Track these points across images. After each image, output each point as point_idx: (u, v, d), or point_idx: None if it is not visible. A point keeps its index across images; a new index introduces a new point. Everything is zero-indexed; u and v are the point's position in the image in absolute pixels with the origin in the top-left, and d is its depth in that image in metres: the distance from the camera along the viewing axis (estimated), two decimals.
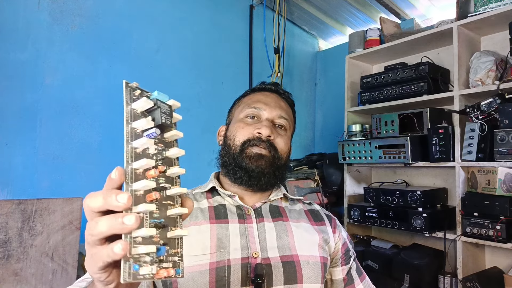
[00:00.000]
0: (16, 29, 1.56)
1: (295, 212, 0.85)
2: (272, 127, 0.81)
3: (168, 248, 0.36)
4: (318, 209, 0.90)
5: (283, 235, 0.77)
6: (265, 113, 0.82)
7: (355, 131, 2.08)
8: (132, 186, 0.35)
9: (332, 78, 2.82)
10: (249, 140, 0.78)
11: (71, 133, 1.68)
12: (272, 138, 0.79)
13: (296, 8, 2.55)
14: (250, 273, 0.69)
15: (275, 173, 0.79)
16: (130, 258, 0.33)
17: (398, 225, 1.74)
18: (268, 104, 0.83)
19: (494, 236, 1.44)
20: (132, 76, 1.87)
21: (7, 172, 1.51)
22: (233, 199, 0.79)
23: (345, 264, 0.85)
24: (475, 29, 1.73)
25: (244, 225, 0.76)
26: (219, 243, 0.71)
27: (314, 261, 0.76)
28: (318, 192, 2.17)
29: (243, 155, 0.78)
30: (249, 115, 0.82)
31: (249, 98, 0.87)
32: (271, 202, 0.84)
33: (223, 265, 0.69)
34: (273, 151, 0.79)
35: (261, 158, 0.77)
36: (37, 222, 1.29)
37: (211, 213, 0.77)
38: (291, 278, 0.72)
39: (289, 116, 0.87)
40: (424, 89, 1.77)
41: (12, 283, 1.22)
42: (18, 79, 1.56)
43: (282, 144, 0.81)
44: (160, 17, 2.03)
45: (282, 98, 0.89)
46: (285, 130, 0.84)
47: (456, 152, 1.63)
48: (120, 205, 0.33)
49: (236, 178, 0.79)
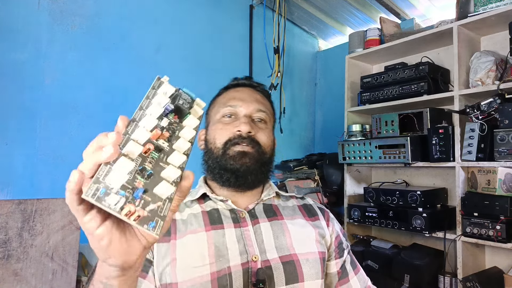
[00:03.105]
0: (16, 29, 1.56)
1: (289, 209, 0.84)
2: (252, 123, 0.79)
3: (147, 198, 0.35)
4: (311, 203, 0.90)
5: (280, 235, 0.76)
6: (242, 109, 0.80)
7: (355, 131, 2.08)
8: (131, 134, 0.37)
9: (332, 78, 2.82)
10: (230, 140, 0.76)
11: (71, 133, 1.68)
12: (253, 134, 0.77)
13: (296, 8, 2.55)
14: (251, 277, 0.69)
15: (261, 169, 0.78)
16: (101, 182, 0.33)
17: (398, 225, 1.74)
18: (244, 100, 0.81)
19: (494, 236, 1.44)
20: (132, 76, 1.87)
21: (7, 172, 1.51)
22: (225, 203, 0.78)
23: (339, 258, 0.85)
24: (475, 29, 1.73)
25: (240, 229, 0.74)
26: (218, 252, 0.70)
27: (313, 258, 0.76)
28: (318, 192, 2.17)
29: (226, 156, 0.76)
30: (226, 115, 0.80)
31: (223, 97, 0.85)
32: (264, 201, 0.82)
33: (224, 274, 0.68)
34: (256, 146, 0.77)
35: (245, 156, 0.75)
36: (37, 222, 1.29)
37: (205, 218, 0.75)
38: (292, 277, 0.71)
39: (267, 108, 0.85)
40: (424, 89, 1.77)
41: (12, 283, 1.22)
42: (18, 79, 1.56)
43: (264, 138, 0.79)
44: (160, 17, 2.03)
45: (257, 91, 0.87)
46: (265, 123, 0.83)
47: (456, 152, 1.63)
48: (109, 139, 0.34)
49: (223, 181, 0.77)
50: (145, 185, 0.36)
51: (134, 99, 2.10)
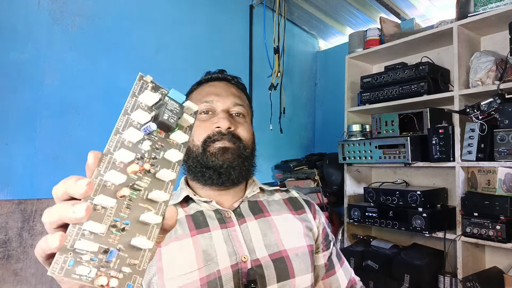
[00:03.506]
0: (16, 29, 1.56)
1: (275, 204, 0.83)
2: (230, 118, 0.77)
3: (124, 254, 0.31)
4: (296, 196, 0.89)
5: (268, 232, 0.75)
6: (218, 104, 0.77)
7: (355, 131, 2.08)
8: (103, 175, 0.32)
9: (332, 78, 2.82)
10: (209, 137, 0.74)
11: (71, 133, 1.68)
12: (233, 129, 0.76)
13: (296, 8, 2.55)
14: (242, 279, 0.68)
15: (244, 163, 0.76)
16: (69, 252, 0.29)
17: (398, 225, 1.74)
18: (220, 95, 0.79)
19: (494, 236, 1.44)
20: (132, 76, 1.87)
21: (7, 172, 1.51)
22: (210, 204, 0.76)
23: (326, 250, 0.85)
24: (475, 29, 1.73)
25: (226, 230, 0.72)
26: (205, 256, 0.68)
27: (302, 252, 0.76)
28: (318, 192, 2.17)
29: (206, 153, 0.73)
30: (202, 111, 0.77)
31: (198, 93, 0.82)
32: (249, 199, 0.81)
33: (214, 278, 0.66)
34: (237, 142, 0.75)
35: (226, 151, 0.73)
36: (37, 222, 1.29)
37: (189, 223, 0.72)
38: (283, 274, 0.71)
39: (244, 102, 0.82)
40: (424, 89, 1.77)
41: (12, 283, 1.22)
42: (18, 79, 1.56)
43: (244, 133, 0.78)
44: (160, 17, 2.03)
45: (232, 84, 0.84)
46: (244, 117, 0.80)
47: (456, 152, 1.63)
48: (78, 189, 0.30)
49: (205, 179, 0.74)
50: (121, 239, 0.31)
51: None
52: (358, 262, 1.83)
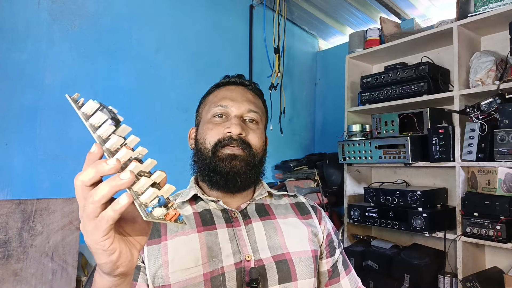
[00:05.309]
0: (16, 29, 1.56)
1: (282, 208, 0.84)
2: (242, 124, 0.77)
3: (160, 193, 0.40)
4: (304, 201, 0.89)
5: (272, 234, 0.76)
6: (233, 109, 0.78)
7: (355, 131, 2.08)
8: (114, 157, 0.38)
9: (332, 78, 2.82)
10: (220, 141, 0.75)
11: (71, 133, 1.68)
12: (244, 135, 0.76)
13: (296, 8, 2.56)
14: (245, 277, 0.68)
15: (251, 171, 0.76)
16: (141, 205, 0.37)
17: (398, 225, 1.74)
18: (235, 100, 0.79)
19: (494, 236, 1.44)
20: (132, 76, 1.87)
21: (7, 172, 1.51)
22: (217, 204, 0.77)
23: (330, 256, 0.84)
24: (475, 29, 1.73)
25: (232, 229, 0.74)
26: (210, 252, 0.69)
27: (306, 256, 0.76)
28: (318, 192, 2.17)
29: (215, 158, 0.74)
30: (216, 114, 0.78)
31: (214, 96, 0.83)
32: (256, 201, 0.81)
33: (217, 274, 0.67)
34: (247, 149, 0.76)
35: (234, 159, 0.74)
36: (37, 222, 1.29)
37: (197, 220, 0.74)
38: (285, 276, 0.71)
39: (259, 108, 0.83)
40: (424, 89, 1.77)
41: (12, 283, 1.22)
42: (18, 79, 1.56)
43: (255, 140, 0.78)
44: (160, 17, 2.03)
45: (249, 90, 0.85)
46: (257, 124, 0.81)
47: (456, 152, 1.63)
48: (111, 167, 0.36)
49: (212, 183, 0.76)
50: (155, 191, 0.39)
51: (134, 99, 2.10)
52: (358, 262, 1.83)
